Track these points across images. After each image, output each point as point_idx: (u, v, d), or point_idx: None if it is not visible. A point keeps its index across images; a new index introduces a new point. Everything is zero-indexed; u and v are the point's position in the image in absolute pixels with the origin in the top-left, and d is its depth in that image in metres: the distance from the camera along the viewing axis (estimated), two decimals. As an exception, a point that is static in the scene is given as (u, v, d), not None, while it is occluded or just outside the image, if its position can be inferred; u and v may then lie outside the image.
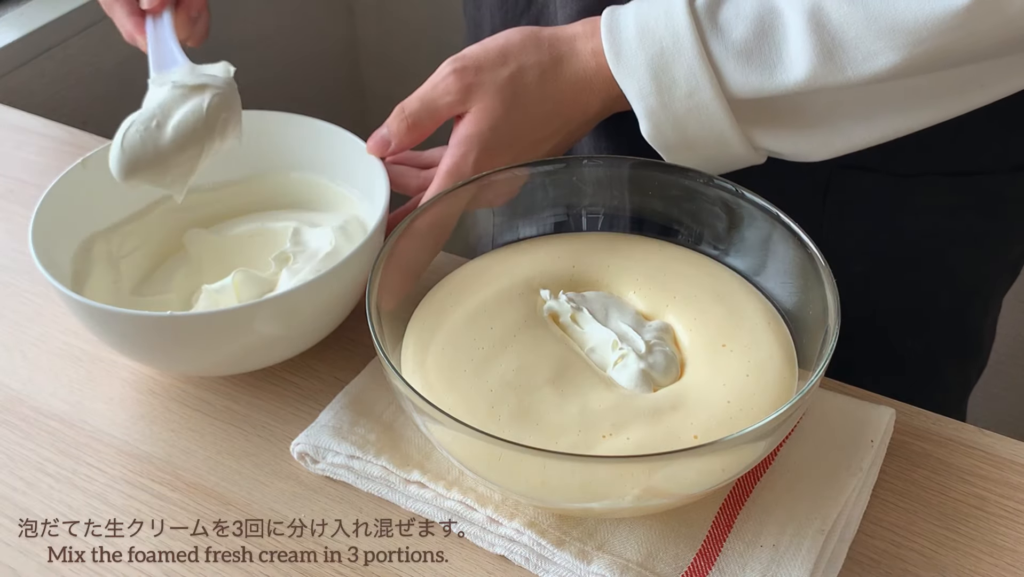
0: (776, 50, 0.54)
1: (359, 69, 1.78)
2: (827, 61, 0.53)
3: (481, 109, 0.59)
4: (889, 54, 0.52)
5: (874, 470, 0.54)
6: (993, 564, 0.51)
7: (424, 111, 0.60)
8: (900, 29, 0.51)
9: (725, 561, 0.49)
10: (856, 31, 0.52)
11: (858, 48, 0.52)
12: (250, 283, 0.60)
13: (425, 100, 0.60)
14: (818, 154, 0.59)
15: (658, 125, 0.57)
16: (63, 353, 0.64)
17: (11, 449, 0.58)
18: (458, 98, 0.59)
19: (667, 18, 0.55)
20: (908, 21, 0.51)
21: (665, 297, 0.57)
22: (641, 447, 0.48)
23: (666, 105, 0.56)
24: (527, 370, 0.52)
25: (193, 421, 0.59)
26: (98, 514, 0.54)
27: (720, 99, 0.55)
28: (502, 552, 0.51)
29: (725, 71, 0.55)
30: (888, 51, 0.52)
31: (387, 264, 0.54)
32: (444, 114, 0.60)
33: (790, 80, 0.54)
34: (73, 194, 0.63)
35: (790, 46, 0.54)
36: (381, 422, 0.56)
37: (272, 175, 0.70)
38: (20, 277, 0.70)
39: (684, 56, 0.55)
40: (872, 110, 0.57)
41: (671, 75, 0.56)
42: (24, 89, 1.14)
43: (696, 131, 0.57)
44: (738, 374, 0.52)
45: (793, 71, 0.54)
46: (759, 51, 0.54)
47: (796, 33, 0.53)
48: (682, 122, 0.57)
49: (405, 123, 0.60)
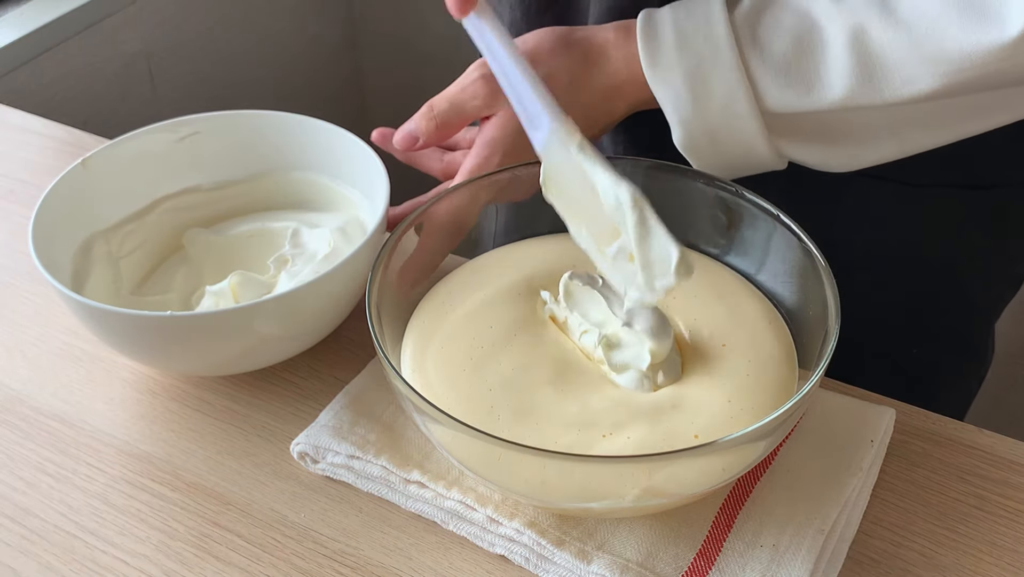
0: (815, 68, 0.54)
1: (359, 69, 1.78)
2: (866, 83, 0.53)
3: (507, 114, 0.59)
4: (929, 80, 0.52)
5: (874, 470, 0.54)
6: (993, 564, 0.51)
7: (452, 112, 0.60)
8: (945, 59, 0.51)
9: (725, 561, 0.49)
10: (899, 56, 0.52)
11: (899, 73, 0.52)
12: (248, 285, 0.60)
13: (454, 102, 0.60)
14: (844, 166, 0.59)
15: (691, 134, 0.57)
16: (63, 353, 0.64)
17: (11, 449, 0.58)
18: (485, 102, 0.59)
19: (707, 28, 0.55)
20: (954, 51, 0.51)
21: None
22: (641, 447, 0.48)
23: (700, 115, 0.56)
24: (527, 369, 0.52)
25: (193, 421, 0.59)
26: (98, 514, 0.54)
27: (755, 112, 0.56)
28: (502, 552, 0.51)
29: (762, 85, 0.55)
30: (929, 77, 0.52)
31: (387, 264, 0.54)
32: (471, 116, 0.60)
33: (826, 99, 0.54)
34: (73, 194, 0.63)
35: (829, 65, 0.54)
36: (381, 422, 0.56)
37: (272, 175, 0.70)
38: (20, 277, 0.70)
39: (722, 68, 0.55)
40: (901, 127, 0.57)
41: (708, 86, 0.56)
42: (24, 89, 1.14)
43: (726, 140, 0.57)
44: (738, 374, 0.52)
45: (831, 90, 0.54)
46: (798, 67, 0.54)
47: (837, 52, 0.53)
48: (715, 132, 0.57)
49: (433, 123, 0.61)
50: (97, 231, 0.64)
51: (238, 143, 0.68)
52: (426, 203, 0.58)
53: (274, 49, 1.55)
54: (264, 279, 0.61)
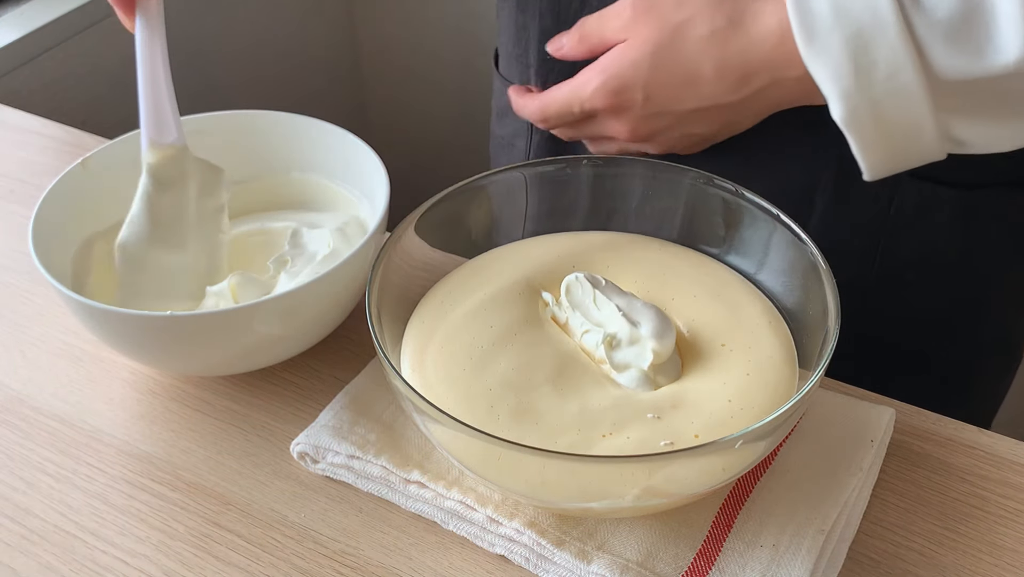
0: (985, 30, 0.51)
1: (359, 69, 1.78)
2: None
3: (632, 45, 0.58)
4: None
5: (874, 470, 0.54)
6: (993, 564, 0.51)
7: (594, 26, 0.60)
8: None
9: (725, 561, 0.49)
10: None
11: None
12: (248, 285, 0.60)
13: (603, 16, 0.60)
14: (1010, 144, 0.56)
15: (854, 109, 0.54)
16: (63, 353, 0.64)
17: (11, 449, 0.58)
18: (622, 24, 0.58)
19: None
20: None
21: (665, 297, 0.57)
22: (641, 446, 0.48)
23: (863, 88, 0.53)
24: (526, 369, 0.52)
25: (193, 421, 0.59)
26: (98, 514, 0.54)
27: (923, 82, 0.52)
28: (502, 552, 0.51)
29: (930, 52, 0.51)
30: None
31: (387, 264, 0.54)
32: (609, 37, 0.60)
33: (999, 62, 0.51)
34: (73, 194, 0.63)
35: (1001, 26, 0.50)
36: (381, 422, 0.56)
37: (272, 175, 0.70)
38: (20, 277, 0.70)
39: (886, 35, 0.51)
40: None
41: (870, 56, 0.52)
42: (24, 89, 1.14)
43: (892, 116, 0.54)
44: (738, 373, 0.52)
45: (1004, 53, 0.50)
46: (967, 30, 0.51)
47: (1008, 13, 0.50)
48: (879, 106, 0.54)
49: (577, 34, 0.61)
50: (97, 231, 0.64)
51: (238, 143, 0.68)
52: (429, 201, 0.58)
53: (274, 49, 1.55)
54: (264, 279, 0.61)
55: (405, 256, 0.56)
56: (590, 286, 0.55)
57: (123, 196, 0.66)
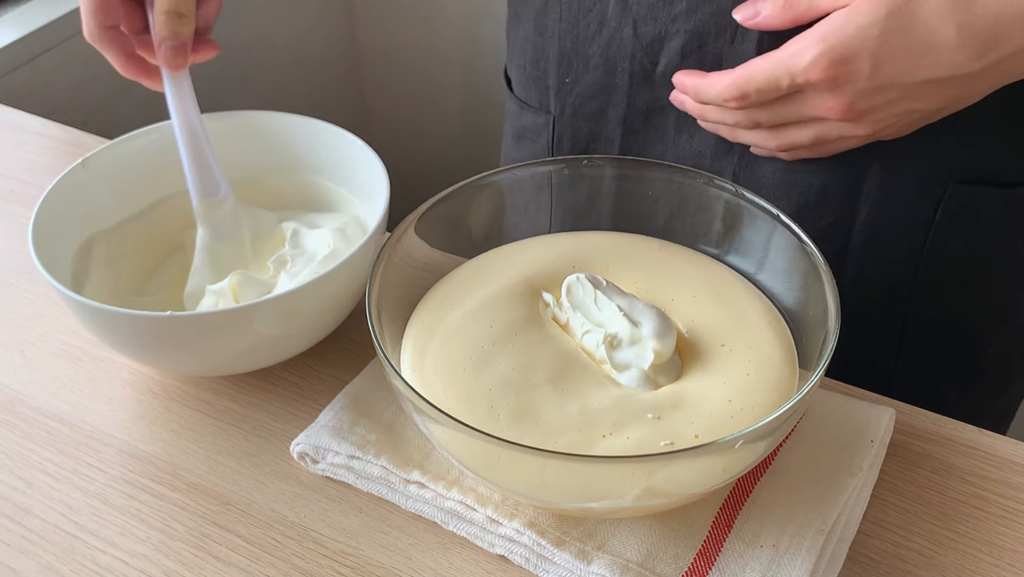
0: None
1: (359, 69, 1.78)
2: None
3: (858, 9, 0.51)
4: None
5: (874, 470, 0.54)
6: (993, 564, 0.51)
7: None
8: None
9: (725, 561, 0.49)
10: None
11: None
12: (248, 285, 0.60)
13: None
14: None
15: None
16: (63, 353, 0.64)
17: (11, 449, 0.58)
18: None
19: None
20: None
21: (665, 297, 0.57)
22: (641, 446, 0.48)
23: None
24: (526, 369, 0.52)
25: (193, 421, 0.59)
26: (98, 514, 0.54)
27: None
28: (502, 552, 0.51)
29: None
30: None
31: (387, 264, 0.54)
32: (822, 2, 0.53)
33: None
34: (73, 194, 0.63)
35: None
36: (381, 422, 0.56)
37: (272, 175, 0.70)
38: (20, 277, 0.70)
39: None
40: None
41: None
42: (24, 89, 1.14)
43: None
44: (738, 373, 0.52)
45: None
46: None
47: None
48: None
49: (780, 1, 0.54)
50: (97, 231, 0.64)
51: (238, 143, 0.68)
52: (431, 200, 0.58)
53: (274, 49, 1.55)
54: (264, 279, 0.61)
55: (405, 256, 0.56)
56: (591, 286, 0.55)
57: (123, 196, 0.66)
